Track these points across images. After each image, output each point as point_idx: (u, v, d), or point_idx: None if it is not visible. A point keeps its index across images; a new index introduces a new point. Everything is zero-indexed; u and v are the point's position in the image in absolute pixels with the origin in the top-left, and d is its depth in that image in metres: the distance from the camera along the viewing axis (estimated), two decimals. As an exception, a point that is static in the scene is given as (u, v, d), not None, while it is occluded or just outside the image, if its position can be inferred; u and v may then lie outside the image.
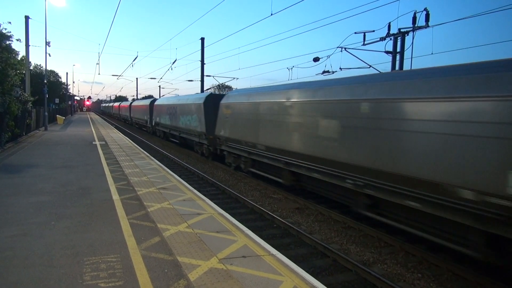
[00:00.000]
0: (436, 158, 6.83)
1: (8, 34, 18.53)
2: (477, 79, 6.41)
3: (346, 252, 8.15)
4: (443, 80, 7.03)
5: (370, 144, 8.41)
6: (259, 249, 6.03)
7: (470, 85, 6.48)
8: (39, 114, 31.42)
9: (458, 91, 6.62)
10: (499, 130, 5.91)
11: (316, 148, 10.32)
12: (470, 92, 6.41)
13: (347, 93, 9.39)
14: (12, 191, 9.33)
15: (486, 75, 6.29)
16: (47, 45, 31.00)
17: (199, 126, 20.87)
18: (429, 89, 7.17)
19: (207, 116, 19.88)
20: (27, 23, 28.62)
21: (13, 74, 20.42)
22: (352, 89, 9.27)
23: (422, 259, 7.69)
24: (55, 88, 52.08)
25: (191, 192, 9.98)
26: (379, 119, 8.19)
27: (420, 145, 7.16)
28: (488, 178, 6.01)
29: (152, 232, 6.61)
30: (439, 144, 6.79)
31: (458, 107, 6.58)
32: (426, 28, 13.70)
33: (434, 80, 7.21)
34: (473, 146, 6.26)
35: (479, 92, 6.27)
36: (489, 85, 6.18)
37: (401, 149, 7.58)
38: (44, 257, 5.39)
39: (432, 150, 6.91)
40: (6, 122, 18.66)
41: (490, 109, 6.06)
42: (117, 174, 12.12)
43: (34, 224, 6.89)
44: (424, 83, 7.36)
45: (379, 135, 8.18)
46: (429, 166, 6.93)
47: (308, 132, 10.79)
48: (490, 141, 6.03)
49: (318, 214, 10.83)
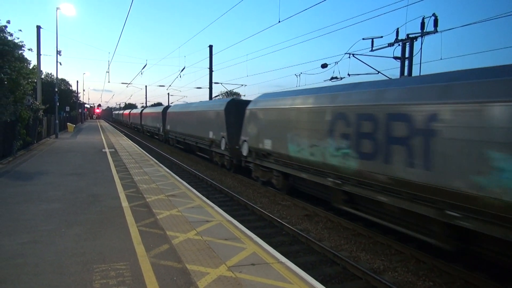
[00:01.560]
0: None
1: (20, 43, 18.83)
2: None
3: (356, 259, 8.07)
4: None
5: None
6: (268, 257, 6.00)
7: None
8: (50, 122, 31.84)
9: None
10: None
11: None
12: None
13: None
14: (23, 198, 9.44)
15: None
16: (58, 54, 31.50)
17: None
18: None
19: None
20: (39, 32, 29.11)
21: (25, 83, 20.74)
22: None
23: (433, 267, 7.58)
24: (65, 96, 52.83)
25: (200, 199, 10.00)
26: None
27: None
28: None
29: (161, 240, 6.62)
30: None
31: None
32: (434, 33, 13.65)
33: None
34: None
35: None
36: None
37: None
38: (54, 265, 5.43)
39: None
40: (18, 130, 18.92)
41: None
42: (126, 181, 12.20)
43: (45, 231, 6.95)
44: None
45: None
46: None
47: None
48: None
49: (327, 221, 10.76)
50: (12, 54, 17.93)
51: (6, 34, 18.05)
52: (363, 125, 8.86)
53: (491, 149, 6.03)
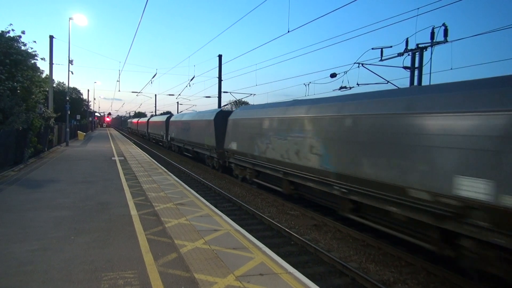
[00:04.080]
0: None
1: (33, 53, 19.22)
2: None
3: (365, 271, 7.96)
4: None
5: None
6: (276, 267, 5.95)
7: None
8: (61, 130, 32.21)
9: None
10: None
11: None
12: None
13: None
14: (34, 206, 9.52)
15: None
16: (70, 63, 31.98)
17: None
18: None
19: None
20: (51, 42, 29.60)
21: (37, 91, 21.09)
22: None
23: (444, 279, 7.45)
24: (76, 105, 53.50)
25: (208, 208, 9.99)
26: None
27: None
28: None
29: (169, 248, 6.61)
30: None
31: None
32: (444, 43, 13.58)
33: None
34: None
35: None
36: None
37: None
38: (63, 272, 5.44)
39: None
40: (30, 138, 19.18)
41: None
42: (135, 189, 12.25)
43: (54, 238, 6.99)
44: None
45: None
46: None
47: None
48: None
49: (336, 231, 10.66)
50: (25, 63, 18.30)
51: (20, 43, 18.45)
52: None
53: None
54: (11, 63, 17.33)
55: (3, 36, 17.64)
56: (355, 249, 9.30)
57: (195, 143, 25.93)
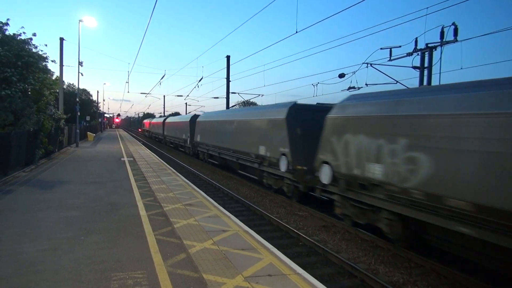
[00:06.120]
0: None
1: (44, 55, 19.43)
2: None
3: (375, 272, 7.91)
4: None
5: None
6: (285, 268, 5.95)
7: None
8: (71, 131, 32.54)
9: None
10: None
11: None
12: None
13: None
14: (44, 206, 9.63)
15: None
16: (80, 65, 32.28)
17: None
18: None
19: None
20: (62, 44, 29.91)
21: (48, 93, 21.34)
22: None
23: (454, 281, 7.36)
24: (86, 106, 53.94)
25: (216, 209, 10.01)
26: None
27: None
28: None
29: (178, 249, 6.64)
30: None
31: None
32: (454, 42, 13.45)
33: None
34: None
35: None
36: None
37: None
38: (73, 272, 5.50)
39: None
40: (40, 139, 19.40)
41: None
42: (144, 190, 12.32)
43: (64, 238, 7.06)
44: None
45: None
46: None
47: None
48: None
49: (345, 232, 10.60)
50: (36, 65, 18.50)
51: (31, 46, 18.67)
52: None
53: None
54: (22, 65, 17.54)
55: (14, 39, 17.86)
56: (364, 250, 9.24)
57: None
